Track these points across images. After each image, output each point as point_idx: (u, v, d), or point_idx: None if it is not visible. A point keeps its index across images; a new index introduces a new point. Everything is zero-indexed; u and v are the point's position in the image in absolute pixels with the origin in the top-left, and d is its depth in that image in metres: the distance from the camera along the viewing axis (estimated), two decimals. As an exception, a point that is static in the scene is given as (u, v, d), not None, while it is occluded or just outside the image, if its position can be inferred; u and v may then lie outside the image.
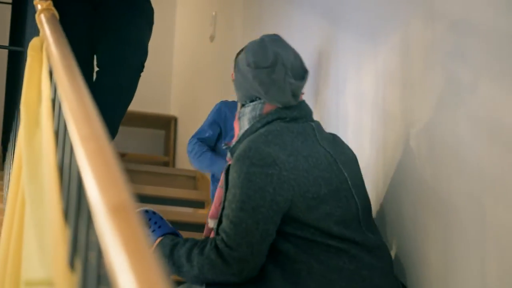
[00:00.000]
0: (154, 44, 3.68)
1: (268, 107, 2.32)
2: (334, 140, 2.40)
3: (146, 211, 2.40)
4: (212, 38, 5.34)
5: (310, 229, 2.16)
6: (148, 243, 0.83)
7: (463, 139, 2.14)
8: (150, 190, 4.37)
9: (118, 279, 0.77)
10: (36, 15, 2.24)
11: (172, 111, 6.44)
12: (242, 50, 2.55)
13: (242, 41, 4.63)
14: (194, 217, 4.18)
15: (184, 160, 5.79)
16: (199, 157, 2.76)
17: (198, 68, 5.76)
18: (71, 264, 1.21)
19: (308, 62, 2.51)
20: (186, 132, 5.94)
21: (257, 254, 2.10)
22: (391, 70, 2.61)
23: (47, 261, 1.35)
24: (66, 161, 1.39)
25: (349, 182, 2.27)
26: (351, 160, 2.38)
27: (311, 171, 2.20)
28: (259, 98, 2.34)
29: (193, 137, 2.85)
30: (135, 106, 4.77)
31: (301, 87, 2.36)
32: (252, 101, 2.36)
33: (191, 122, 5.74)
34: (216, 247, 2.12)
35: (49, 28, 1.95)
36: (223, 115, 2.81)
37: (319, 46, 3.24)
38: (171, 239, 2.24)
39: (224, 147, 2.45)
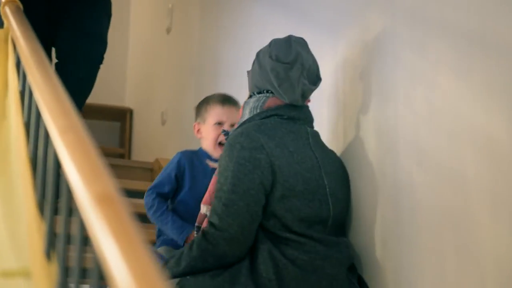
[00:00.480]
0: (109, 36, 3.66)
1: (270, 102, 2.44)
2: (328, 153, 2.49)
3: None
4: (168, 30, 5.34)
5: (274, 219, 2.26)
6: (138, 231, 0.85)
7: (422, 132, 2.19)
8: (107, 182, 4.34)
9: (110, 267, 0.79)
10: (1, 8, 2.23)
11: (127, 103, 6.42)
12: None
13: (199, 34, 4.64)
14: (152, 209, 4.16)
15: (140, 152, 5.78)
16: (159, 216, 2.71)
17: (154, 60, 5.74)
18: (48, 255, 1.22)
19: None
20: (141, 124, 5.93)
21: (247, 234, 2.22)
22: (350, 63, 2.65)
23: (21, 252, 1.36)
24: (40, 153, 1.40)
25: (327, 190, 2.36)
26: (338, 175, 2.46)
27: (294, 165, 2.31)
28: (267, 92, 2.45)
29: (151, 189, 2.77)
30: (90, 98, 4.74)
31: (312, 90, 2.48)
32: (259, 93, 2.47)
33: (147, 114, 5.73)
34: (204, 236, 2.22)
35: (15, 21, 1.95)
36: (182, 168, 2.77)
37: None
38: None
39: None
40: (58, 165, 1.21)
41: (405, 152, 2.27)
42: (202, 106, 2.85)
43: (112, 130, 6.41)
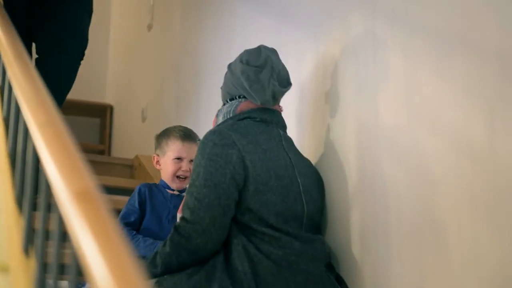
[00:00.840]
0: (90, 32, 3.64)
1: (243, 106, 2.50)
2: (302, 158, 2.53)
3: None
4: (149, 27, 5.32)
5: (250, 214, 2.28)
6: (116, 226, 0.85)
7: (402, 132, 2.20)
8: (87, 178, 4.32)
9: (89, 264, 0.79)
10: (-20, 2, 2.21)
11: (107, 99, 6.39)
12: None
13: (181, 30, 4.64)
14: (131, 205, 4.15)
15: (120, 149, 5.76)
16: (130, 241, 2.75)
17: (135, 57, 5.73)
18: (26, 251, 1.22)
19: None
20: (121, 120, 5.91)
21: (219, 227, 2.23)
22: (331, 62, 2.66)
23: (0, 247, 1.35)
24: (19, 148, 1.39)
25: (301, 188, 2.39)
26: (312, 178, 2.49)
27: (266, 162, 2.35)
28: (239, 97, 2.51)
29: (119, 220, 2.84)
30: (70, 93, 4.72)
31: (282, 92, 2.54)
32: (231, 99, 2.54)
33: (127, 110, 5.71)
34: (177, 230, 2.24)
35: (-5, 15, 1.93)
36: (143, 196, 2.83)
37: (261, 39, 3.27)
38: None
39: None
40: (37, 161, 1.20)
41: (385, 151, 2.28)
42: (162, 138, 2.92)
43: (92, 127, 6.39)
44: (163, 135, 2.92)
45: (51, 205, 1.05)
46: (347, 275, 2.38)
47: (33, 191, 1.23)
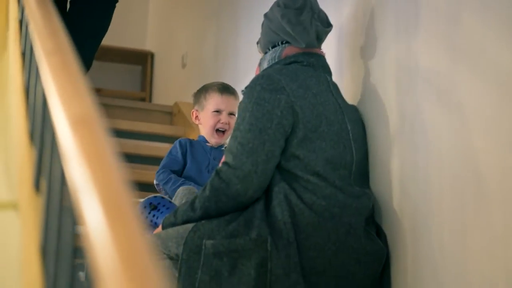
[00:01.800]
0: (130, -23, 3.58)
1: (288, 51, 2.42)
2: (349, 104, 2.44)
3: (155, 197, 2.56)
4: (190, -28, 5.23)
5: (296, 160, 2.20)
6: (114, 155, 0.77)
7: (443, 71, 2.10)
8: (126, 124, 4.31)
9: (80, 196, 0.72)
10: None
11: (148, 46, 6.34)
12: None
13: (221, -26, 4.54)
14: (170, 152, 4.12)
15: (160, 96, 5.73)
16: (179, 184, 2.73)
17: (176, 2, 5.65)
18: (37, 186, 1.16)
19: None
20: (163, 68, 5.86)
21: (261, 173, 2.17)
22: (371, 3, 2.55)
23: (12, 184, 1.29)
24: (32, 81, 1.33)
25: (351, 135, 2.31)
26: (359, 124, 2.42)
27: (317, 106, 2.26)
28: (282, 43, 2.42)
29: (161, 168, 2.81)
30: (111, 40, 4.67)
31: (326, 32, 2.46)
32: (273, 46, 2.44)
33: (168, 57, 5.65)
34: (217, 174, 2.19)
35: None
36: (184, 147, 2.81)
37: None
38: (174, 211, 2.29)
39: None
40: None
41: (426, 93, 2.18)
42: (200, 94, 2.88)
43: (133, 74, 6.36)
44: (201, 90, 2.89)
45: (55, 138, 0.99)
46: (387, 224, 2.31)
47: (44, 125, 1.17)
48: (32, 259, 1.04)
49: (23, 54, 1.54)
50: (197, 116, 2.87)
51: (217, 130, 2.81)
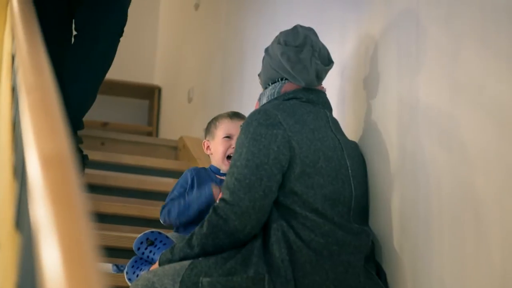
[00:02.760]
0: (138, 13, 3.59)
1: (287, 87, 2.40)
2: (349, 140, 2.41)
3: (152, 232, 2.52)
4: (196, 6, 5.24)
5: (294, 197, 2.18)
6: (81, 196, 0.75)
7: (445, 108, 2.07)
8: (131, 159, 4.29)
9: (41, 237, 0.69)
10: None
11: (156, 80, 6.34)
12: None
13: (227, 9, 4.55)
14: (174, 187, 4.09)
15: (167, 130, 5.71)
16: (181, 205, 2.68)
17: (183, 36, 5.66)
18: (17, 224, 1.13)
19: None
20: (169, 102, 5.86)
21: (259, 209, 2.14)
22: (372, 38, 2.53)
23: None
24: (18, 116, 1.31)
25: (350, 171, 2.28)
26: (359, 161, 2.39)
27: (315, 142, 2.24)
28: (281, 80, 2.41)
29: (166, 204, 2.78)
30: (119, 75, 4.68)
31: (326, 71, 2.43)
32: (273, 82, 2.43)
33: (175, 92, 5.65)
34: (215, 211, 2.16)
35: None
36: (191, 180, 2.76)
37: (304, 17, 3.16)
38: (171, 247, 2.27)
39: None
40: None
41: (426, 130, 2.15)
42: (211, 124, 2.84)
43: (141, 108, 6.35)
44: (211, 121, 2.86)
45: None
46: (386, 262, 2.27)
47: (24, 161, 1.15)
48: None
49: (13, 89, 1.52)
50: (208, 146, 2.81)
51: (228, 157, 2.74)
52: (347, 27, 2.76)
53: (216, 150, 2.77)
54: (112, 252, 3.17)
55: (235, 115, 2.80)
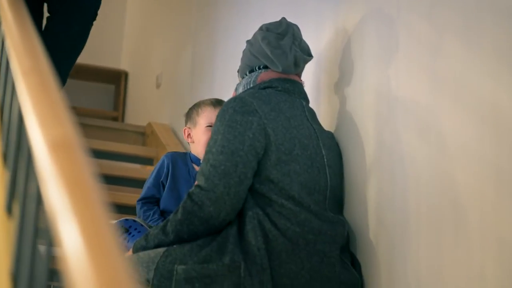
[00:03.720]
0: (107, -4, 3.54)
1: (263, 76, 2.41)
2: (325, 131, 2.41)
3: (126, 220, 2.50)
4: (167, -9, 5.21)
5: (269, 184, 2.18)
6: (93, 178, 0.74)
7: (424, 101, 2.08)
8: (98, 144, 4.24)
9: (58, 222, 0.68)
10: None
11: (122, 65, 6.29)
12: None
13: (198, -5, 4.52)
14: (142, 173, 4.08)
15: (134, 116, 5.67)
16: (151, 222, 2.65)
17: (152, 21, 5.61)
18: (9, 210, 1.11)
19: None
20: (137, 87, 5.82)
21: (234, 195, 2.13)
22: (351, 28, 2.53)
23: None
24: (7, 100, 1.29)
25: (325, 160, 2.29)
26: (335, 151, 2.39)
27: (290, 130, 2.24)
28: (259, 68, 2.43)
29: (139, 200, 2.71)
30: (85, 59, 4.62)
31: (305, 60, 2.45)
32: (251, 71, 2.45)
33: (143, 77, 5.61)
34: (190, 197, 2.15)
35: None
36: (165, 170, 2.69)
37: (278, 8, 3.15)
38: (145, 234, 2.25)
39: None
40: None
41: (405, 123, 2.16)
42: (192, 110, 2.79)
43: (106, 93, 6.30)
44: (193, 107, 2.80)
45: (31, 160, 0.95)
46: (361, 252, 2.28)
47: (18, 146, 1.13)
48: (2, 286, 1.00)
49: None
50: (189, 134, 2.76)
51: None
52: (323, 19, 2.76)
53: (199, 139, 2.72)
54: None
55: (218, 103, 2.76)
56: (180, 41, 4.77)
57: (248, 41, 2.52)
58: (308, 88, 2.62)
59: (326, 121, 2.56)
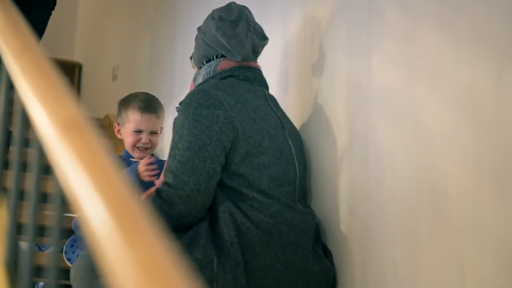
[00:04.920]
0: (59, -15, 3.44)
1: (223, 65, 2.36)
2: (287, 118, 2.39)
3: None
4: (122, -19, 5.13)
5: (239, 179, 2.15)
6: (109, 156, 0.70)
7: (399, 89, 2.07)
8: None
9: (80, 201, 0.64)
10: None
11: (76, 57, 6.18)
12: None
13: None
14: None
15: (89, 108, 5.58)
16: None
17: (107, 10, 5.52)
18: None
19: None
20: (92, 79, 5.72)
21: (204, 192, 2.10)
22: (320, 16, 2.51)
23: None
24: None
25: (293, 150, 2.27)
26: (299, 140, 2.37)
27: (257, 121, 2.21)
28: (217, 57, 2.37)
29: None
30: (38, 49, 4.52)
31: (262, 45, 2.41)
32: (208, 61, 2.38)
33: (98, 69, 5.52)
34: (159, 194, 2.11)
35: None
36: None
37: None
38: None
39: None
40: (10, 90, 1.05)
41: (379, 112, 2.14)
42: (122, 108, 2.76)
43: (59, 85, 6.18)
44: (123, 104, 2.76)
45: (28, 140, 0.90)
46: (333, 244, 2.26)
47: (5, 127, 1.07)
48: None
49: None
50: (119, 130, 2.76)
51: (137, 147, 2.69)
52: (290, 5, 2.73)
53: (126, 140, 2.72)
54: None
55: (146, 109, 2.70)
56: (138, 31, 4.70)
57: (199, 29, 2.46)
58: (275, 78, 2.60)
59: (295, 112, 2.54)
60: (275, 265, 2.07)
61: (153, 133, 2.69)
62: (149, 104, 2.73)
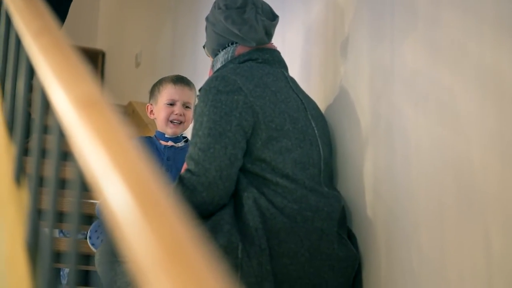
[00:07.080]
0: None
1: (240, 49, 2.33)
2: (310, 99, 2.36)
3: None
4: (144, -33, 5.12)
5: (262, 164, 2.13)
6: (128, 134, 0.69)
7: (422, 71, 2.05)
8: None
9: (100, 181, 0.64)
10: None
11: (99, 44, 6.19)
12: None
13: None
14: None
15: (113, 96, 5.59)
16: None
17: (129, -1, 5.52)
18: (18, 180, 1.06)
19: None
20: (115, 67, 5.73)
21: (226, 178, 2.08)
22: (343, 1, 2.49)
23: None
24: (10, 63, 1.23)
25: (316, 131, 2.24)
26: (322, 120, 2.35)
27: (278, 104, 2.19)
28: (232, 44, 2.34)
29: None
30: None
31: (273, 26, 2.37)
32: (224, 48, 2.35)
33: (121, 56, 5.53)
34: (181, 181, 2.10)
35: None
36: None
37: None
38: None
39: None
40: (30, 77, 1.04)
41: (402, 94, 2.12)
42: (155, 87, 2.76)
43: (83, 73, 6.19)
44: (155, 84, 2.77)
45: (48, 126, 0.90)
46: (358, 228, 2.25)
47: (26, 113, 1.07)
48: (17, 255, 0.95)
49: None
50: (152, 111, 2.74)
51: (171, 121, 2.67)
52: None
53: (159, 116, 2.70)
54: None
55: (179, 81, 2.71)
56: (159, 17, 4.69)
57: (207, 20, 2.43)
58: (298, 62, 2.58)
59: (319, 95, 2.52)
60: (300, 251, 2.06)
61: (187, 107, 2.67)
62: (181, 77, 2.76)
